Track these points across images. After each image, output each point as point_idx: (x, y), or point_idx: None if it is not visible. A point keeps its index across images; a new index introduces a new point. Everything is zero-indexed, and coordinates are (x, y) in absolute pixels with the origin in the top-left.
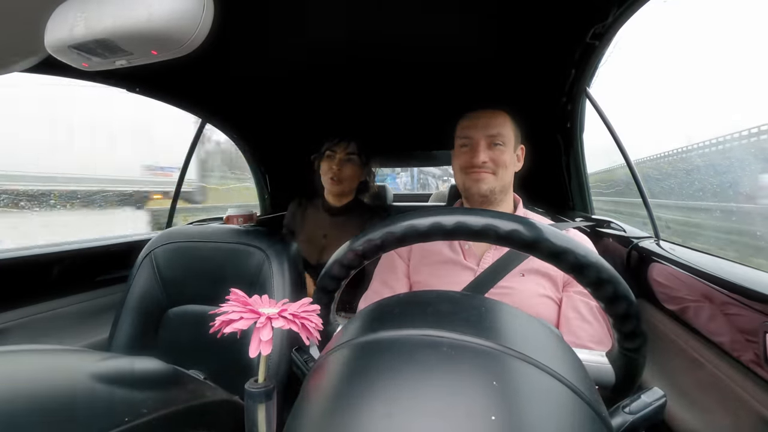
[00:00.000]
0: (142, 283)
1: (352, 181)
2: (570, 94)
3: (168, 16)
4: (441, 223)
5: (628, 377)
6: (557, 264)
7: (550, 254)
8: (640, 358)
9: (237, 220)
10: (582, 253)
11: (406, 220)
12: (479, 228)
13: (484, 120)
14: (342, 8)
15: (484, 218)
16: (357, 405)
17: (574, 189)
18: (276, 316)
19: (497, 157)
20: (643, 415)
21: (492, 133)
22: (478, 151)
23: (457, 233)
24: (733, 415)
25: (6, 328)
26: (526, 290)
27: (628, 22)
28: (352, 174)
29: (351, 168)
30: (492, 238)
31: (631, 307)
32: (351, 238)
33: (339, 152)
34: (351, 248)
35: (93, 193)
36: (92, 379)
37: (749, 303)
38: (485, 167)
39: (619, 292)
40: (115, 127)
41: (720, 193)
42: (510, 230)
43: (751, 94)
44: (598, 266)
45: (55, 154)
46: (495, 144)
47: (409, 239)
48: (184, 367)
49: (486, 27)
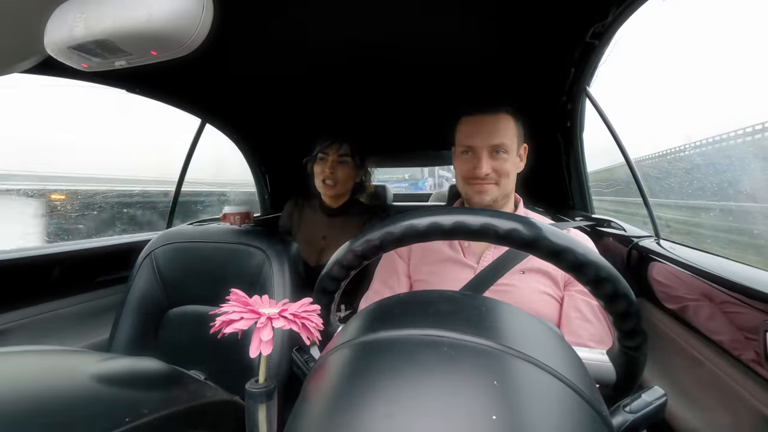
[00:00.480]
0: (142, 284)
1: (347, 182)
2: (570, 94)
3: (167, 17)
4: (439, 222)
5: (629, 375)
6: (557, 263)
7: (549, 253)
8: (641, 356)
9: (233, 218)
10: (581, 252)
11: (405, 220)
12: (478, 228)
13: (487, 127)
14: (342, 8)
15: (482, 218)
16: (358, 405)
17: (574, 188)
18: (276, 316)
19: (500, 167)
20: (644, 414)
21: (495, 143)
22: (480, 163)
23: (455, 233)
24: (734, 413)
25: (7, 329)
26: (527, 288)
27: (628, 21)
28: (346, 176)
29: (344, 170)
30: (492, 238)
31: (631, 306)
32: (349, 238)
33: (331, 154)
34: (350, 249)
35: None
36: (93, 379)
37: (749, 302)
38: (488, 179)
39: (618, 290)
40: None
41: (719, 191)
42: (509, 229)
43: (751, 92)
44: (597, 264)
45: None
46: (497, 152)
47: (408, 239)
48: (185, 368)
49: (486, 26)
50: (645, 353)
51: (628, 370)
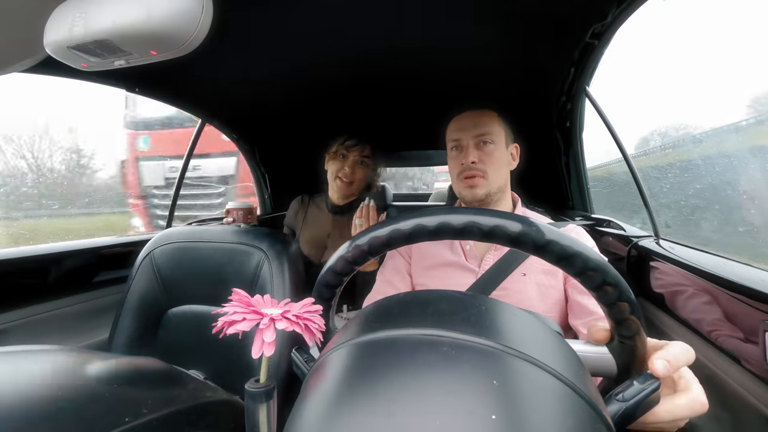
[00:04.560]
0: (141, 284)
1: (361, 183)
2: (569, 94)
3: (167, 16)
4: (423, 224)
5: (629, 366)
6: (544, 257)
7: (535, 247)
8: (639, 345)
9: (236, 213)
10: (567, 243)
11: (403, 221)
12: (461, 226)
13: (470, 120)
14: (342, 10)
15: (466, 216)
16: (358, 404)
17: (573, 188)
18: (279, 317)
19: (486, 157)
20: (638, 400)
21: (479, 132)
22: (467, 152)
23: (440, 232)
24: (733, 413)
25: (6, 328)
26: (529, 290)
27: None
28: (363, 177)
29: (363, 171)
30: (477, 235)
31: (623, 294)
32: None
33: (353, 154)
34: (356, 244)
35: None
36: (92, 379)
37: (749, 302)
38: (476, 169)
39: (608, 279)
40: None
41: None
42: (493, 226)
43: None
44: (585, 256)
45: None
46: (484, 143)
47: (412, 239)
48: (184, 368)
49: (485, 27)
50: (643, 341)
51: (627, 360)
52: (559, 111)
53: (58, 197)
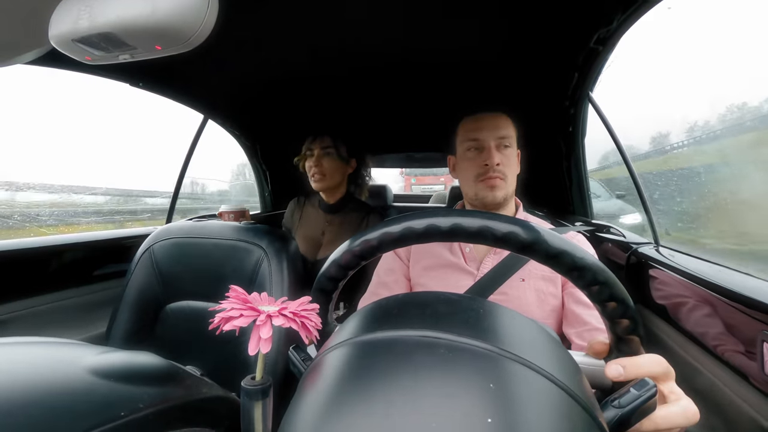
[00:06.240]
0: (140, 278)
1: (334, 174)
2: (573, 99)
3: (172, 11)
4: (437, 224)
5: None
6: (554, 266)
7: (547, 257)
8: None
9: (228, 217)
10: (579, 255)
11: (404, 221)
12: (475, 230)
13: (491, 122)
14: (345, 10)
15: (479, 220)
16: (354, 405)
17: (574, 193)
18: (276, 314)
19: (506, 159)
20: (634, 407)
21: (501, 134)
22: (491, 153)
23: (453, 234)
24: (730, 422)
25: (5, 319)
26: (527, 297)
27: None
28: (333, 168)
29: (330, 161)
30: (489, 240)
31: (628, 311)
32: (347, 235)
33: (315, 148)
34: (348, 249)
35: None
36: (89, 372)
37: (748, 311)
38: (498, 171)
39: (615, 294)
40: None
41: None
42: (507, 232)
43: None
44: (595, 269)
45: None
46: (504, 146)
47: (407, 240)
48: (181, 363)
49: (490, 30)
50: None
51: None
52: (561, 116)
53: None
